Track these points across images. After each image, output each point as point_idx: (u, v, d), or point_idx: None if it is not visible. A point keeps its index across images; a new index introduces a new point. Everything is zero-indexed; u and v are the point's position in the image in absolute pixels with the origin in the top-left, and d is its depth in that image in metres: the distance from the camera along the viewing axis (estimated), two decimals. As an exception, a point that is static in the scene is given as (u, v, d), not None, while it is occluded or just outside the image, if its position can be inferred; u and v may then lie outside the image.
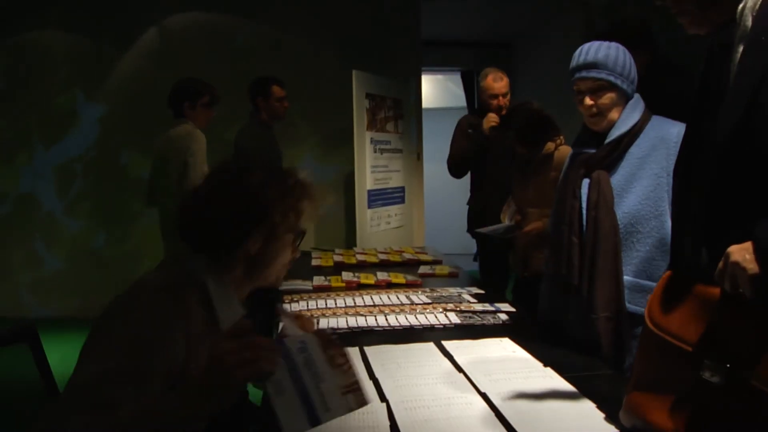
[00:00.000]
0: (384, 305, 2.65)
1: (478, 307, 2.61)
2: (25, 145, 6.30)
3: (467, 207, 4.80)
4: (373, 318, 2.43)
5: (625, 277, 2.10)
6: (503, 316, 2.46)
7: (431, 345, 2.10)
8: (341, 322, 2.37)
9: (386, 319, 2.41)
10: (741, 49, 1.37)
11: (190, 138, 3.89)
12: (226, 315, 1.48)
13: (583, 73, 2.17)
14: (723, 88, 1.42)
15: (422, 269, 3.52)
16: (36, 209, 6.30)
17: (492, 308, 2.59)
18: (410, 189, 6.05)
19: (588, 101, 2.18)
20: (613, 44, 2.18)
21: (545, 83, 7.59)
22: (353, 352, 2.04)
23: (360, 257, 3.91)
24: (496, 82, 4.47)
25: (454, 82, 9.82)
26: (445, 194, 9.35)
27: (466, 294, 2.88)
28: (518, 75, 8.65)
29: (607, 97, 2.16)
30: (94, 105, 6.23)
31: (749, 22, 1.36)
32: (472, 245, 10.16)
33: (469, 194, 4.82)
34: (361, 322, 2.38)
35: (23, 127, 6.27)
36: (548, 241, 3.21)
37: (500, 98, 4.45)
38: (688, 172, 1.54)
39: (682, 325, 1.34)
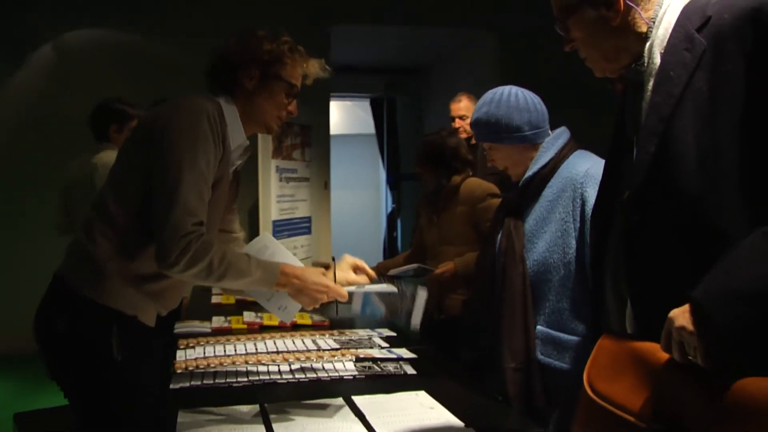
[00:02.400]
0: (289, 351, 2.44)
1: (378, 354, 2.41)
2: None
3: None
4: (276, 367, 2.22)
5: (538, 327, 1.99)
6: (407, 368, 2.26)
7: (340, 401, 1.91)
8: (240, 373, 2.14)
9: (291, 369, 2.20)
10: (650, 86, 1.35)
11: None
12: (233, 135, 1.88)
13: (475, 138, 2.15)
14: (637, 126, 1.40)
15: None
16: None
17: (394, 356, 2.40)
18: (317, 219, 5.86)
19: (489, 161, 2.14)
20: (500, 94, 2.08)
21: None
22: (252, 411, 1.83)
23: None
24: (453, 104, 4.41)
25: (362, 108, 9.74)
26: (353, 224, 9.23)
27: (377, 337, 2.70)
28: (430, 102, 8.66)
29: (501, 154, 2.10)
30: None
31: (657, 59, 1.36)
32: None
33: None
34: (263, 372, 2.16)
35: None
36: (460, 281, 3.12)
37: (457, 120, 4.32)
38: (606, 220, 1.46)
39: (627, 394, 1.21)
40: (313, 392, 1.99)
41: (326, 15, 6.03)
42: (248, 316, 3.03)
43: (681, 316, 1.14)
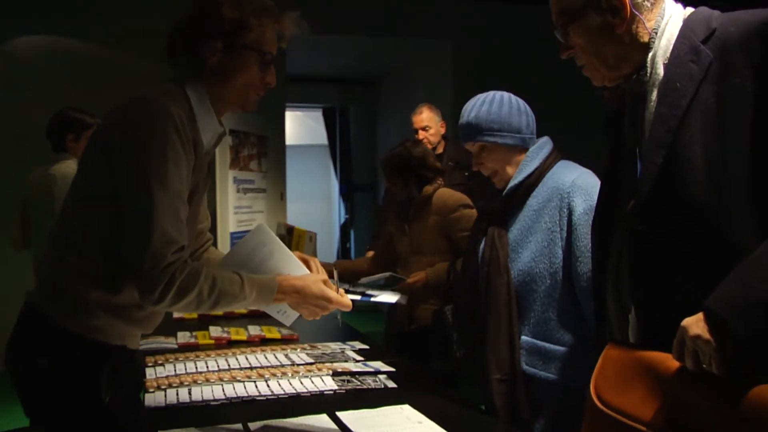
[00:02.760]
0: (262, 367, 2.37)
1: (355, 368, 2.37)
2: None
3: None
4: (253, 384, 2.15)
5: (523, 338, 1.98)
6: (387, 381, 2.21)
7: (324, 418, 1.86)
8: (217, 391, 2.07)
9: (268, 386, 2.14)
10: (654, 97, 1.35)
11: None
12: (205, 125, 1.67)
13: (462, 137, 2.10)
14: (639, 137, 1.39)
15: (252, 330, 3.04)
16: None
17: (371, 369, 2.37)
18: (274, 231, 5.77)
19: (475, 164, 2.10)
20: (494, 97, 2.07)
21: (409, 119, 7.60)
22: (235, 430, 1.77)
23: (226, 307, 3.58)
24: (415, 115, 4.38)
25: (313, 118, 9.68)
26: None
27: (350, 350, 2.66)
28: (383, 112, 8.67)
29: (491, 157, 2.06)
30: None
31: (660, 70, 1.35)
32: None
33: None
34: (240, 390, 2.09)
35: None
36: (431, 291, 3.11)
37: (420, 132, 4.30)
38: (607, 229, 1.46)
39: (637, 403, 1.20)
40: (296, 409, 1.93)
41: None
42: (215, 331, 2.95)
43: (695, 324, 1.14)
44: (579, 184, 1.93)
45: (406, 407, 1.94)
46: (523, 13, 6.62)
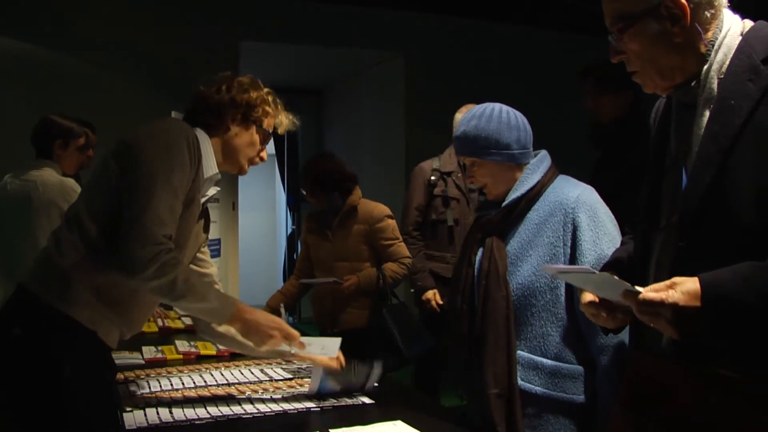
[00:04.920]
0: (240, 383, 2.29)
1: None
2: None
3: None
4: (236, 402, 2.07)
5: (519, 353, 1.96)
6: (369, 396, 2.16)
7: (319, 436, 1.81)
8: (200, 410, 1.98)
9: (252, 403, 2.07)
10: (707, 112, 1.32)
11: (67, 189, 3.28)
12: (207, 164, 1.93)
13: (457, 151, 2.10)
14: (687, 149, 1.37)
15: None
16: None
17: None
18: (226, 241, 5.65)
19: (469, 177, 2.10)
20: (484, 111, 2.05)
21: (357, 131, 7.58)
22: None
23: (187, 320, 3.47)
24: (460, 113, 4.37)
25: (259, 128, 9.54)
26: (251, 246, 8.99)
27: (326, 364, 2.60)
28: (330, 122, 8.62)
29: (483, 171, 2.04)
30: None
31: (714, 84, 1.32)
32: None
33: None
34: (224, 409, 2.01)
35: None
36: (358, 295, 3.45)
37: None
38: (648, 237, 1.44)
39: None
40: (286, 427, 1.87)
41: (234, 31, 5.88)
42: (181, 345, 2.85)
43: (681, 295, 1.19)
44: (584, 200, 1.93)
45: (399, 423, 1.89)
46: (475, 27, 6.69)
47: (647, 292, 1.21)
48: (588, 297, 1.50)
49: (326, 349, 2.12)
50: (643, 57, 1.39)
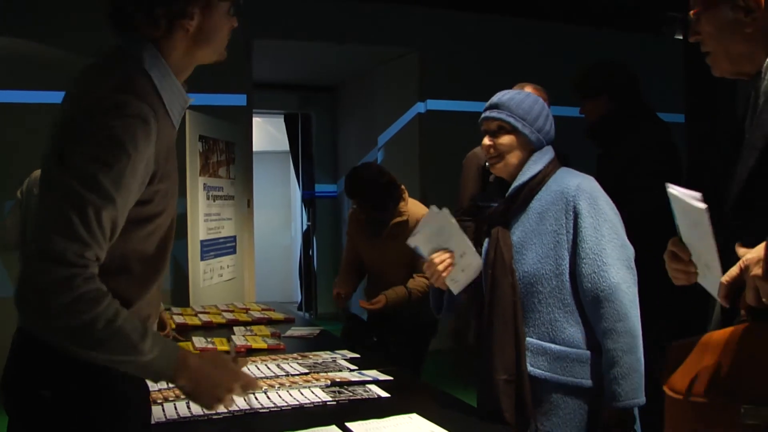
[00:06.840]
0: (258, 378, 2.31)
1: (354, 378, 2.34)
2: None
3: None
4: (253, 396, 2.09)
5: (528, 339, 1.99)
6: (385, 389, 2.19)
7: (334, 429, 1.82)
8: (217, 404, 2.01)
9: (268, 397, 2.09)
10: (761, 102, 1.37)
11: None
12: (174, 104, 1.45)
13: (486, 113, 2.10)
14: (750, 138, 1.42)
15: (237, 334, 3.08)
16: None
17: (369, 378, 2.34)
18: (241, 238, 5.68)
19: (487, 141, 2.08)
20: (527, 93, 2.10)
21: (371, 127, 7.58)
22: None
23: (203, 317, 3.51)
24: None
25: (273, 124, 9.58)
26: (267, 242, 9.05)
27: (341, 359, 2.62)
28: (345, 118, 8.63)
29: (506, 139, 2.06)
30: None
31: None
32: (293, 294, 9.83)
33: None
34: (241, 402, 2.02)
35: None
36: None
37: None
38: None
39: (702, 381, 1.24)
40: (303, 421, 1.88)
41: (247, 28, 5.90)
42: (198, 342, 2.88)
43: (756, 264, 1.16)
44: (584, 188, 1.97)
45: (415, 416, 1.91)
46: (489, 23, 6.69)
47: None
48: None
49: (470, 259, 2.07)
50: (715, 40, 1.46)
